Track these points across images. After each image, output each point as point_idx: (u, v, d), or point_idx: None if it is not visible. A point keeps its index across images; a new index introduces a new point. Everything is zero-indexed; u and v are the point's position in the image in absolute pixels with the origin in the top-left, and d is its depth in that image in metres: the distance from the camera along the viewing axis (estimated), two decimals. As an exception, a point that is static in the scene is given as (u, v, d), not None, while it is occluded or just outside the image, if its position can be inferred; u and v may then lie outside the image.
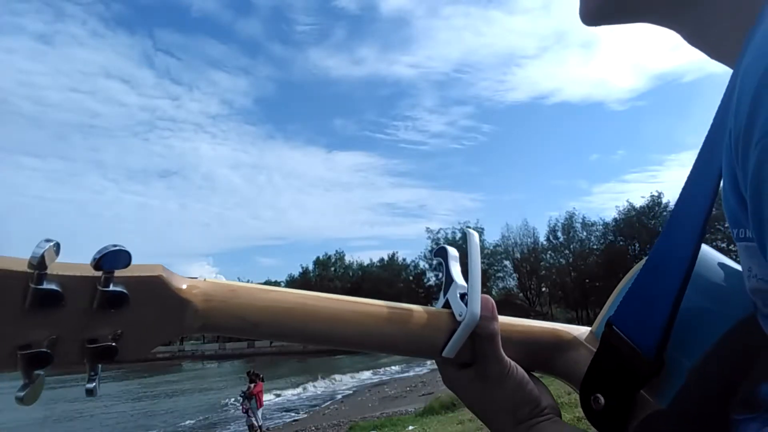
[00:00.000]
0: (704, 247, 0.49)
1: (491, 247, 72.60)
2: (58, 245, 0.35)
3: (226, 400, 22.81)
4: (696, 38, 0.43)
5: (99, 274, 0.38)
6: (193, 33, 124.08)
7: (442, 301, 0.54)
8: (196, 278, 0.45)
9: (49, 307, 0.37)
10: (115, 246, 0.37)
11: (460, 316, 0.50)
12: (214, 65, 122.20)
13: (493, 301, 0.51)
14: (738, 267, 0.47)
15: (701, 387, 0.45)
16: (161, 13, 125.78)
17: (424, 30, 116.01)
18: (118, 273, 0.38)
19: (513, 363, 0.52)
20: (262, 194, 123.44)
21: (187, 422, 19.32)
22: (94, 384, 0.40)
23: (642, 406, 0.46)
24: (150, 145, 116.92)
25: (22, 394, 0.37)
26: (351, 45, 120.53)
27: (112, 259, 0.37)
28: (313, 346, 0.51)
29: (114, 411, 23.21)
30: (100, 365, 0.40)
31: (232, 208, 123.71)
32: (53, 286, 0.36)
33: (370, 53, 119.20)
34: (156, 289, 0.41)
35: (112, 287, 0.38)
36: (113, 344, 0.40)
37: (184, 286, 0.43)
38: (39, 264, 0.34)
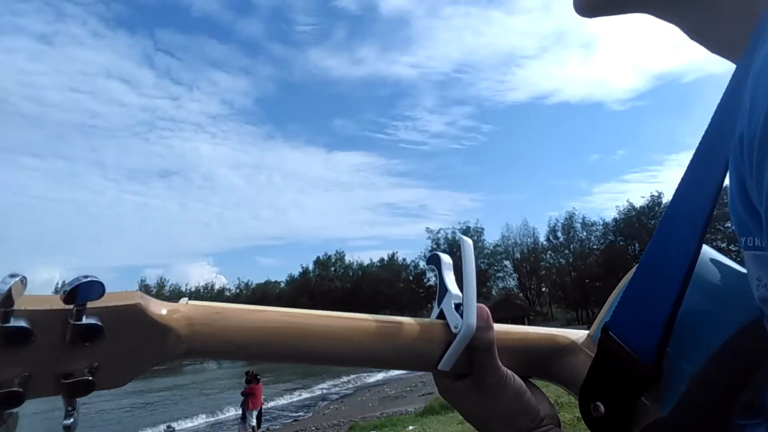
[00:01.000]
0: (705, 248, 0.47)
1: (491, 247, 72.58)
2: (24, 279, 0.34)
3: (225, 401, 22.80)
4: (696, 31, 0.42)
5: (71, 307, 0.36)
6: (193, 33, 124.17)
7: (436, 311, 0.52)
8: (177, 302, 0.43)
9: (18, 345, 0.35)
10: (86, 277, 0.36)
11: (456, 328, 0.48)
12: (214, 65, 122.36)
13: (489, 310, 0.50)
14: (740, 269, 0.46)
15: (703, 393, 0.43)
16: (162, 14, 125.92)
17: (424, 30, 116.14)
18: (91, 304, 0.37)
19: (510, 373, 0.51)
20: (262, 194, 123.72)
21: (186, 422, 19.32)
22: (71, 420, 0.38)
23: (643, 413, 0.45)
24: (150, 145, 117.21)
25: None
26: (351, 45, 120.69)
27: (84, 291, 0.35)
28: (306, 364, 0.48)
29: (112, 411, 23.20)
30: (77, 400, 0.39)
31: (232, 208, 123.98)
32: (21, 323, 0.35)
33: (370, 53, 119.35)
34: (133, 318, 0.39)
35: (84, 320, 0.37)
36: (90, 378, 0.38)
37: (164, 312, 0.41)
38: (5, 301, 0.33)
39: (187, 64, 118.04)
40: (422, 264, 74.90)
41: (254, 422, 14.79)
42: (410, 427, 11.21)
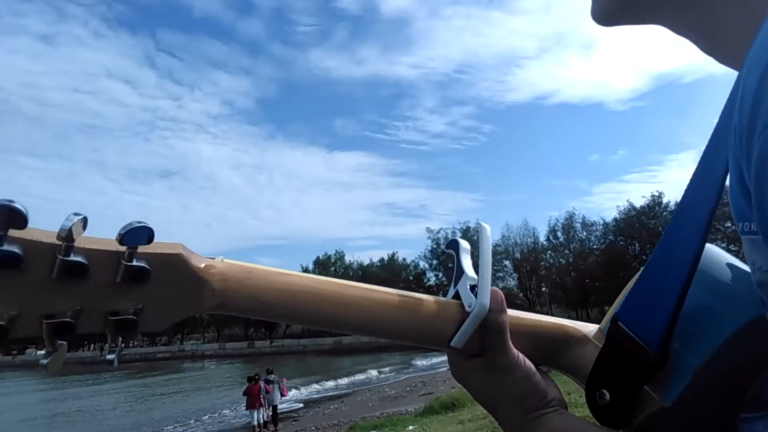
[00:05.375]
0: (715, 248, 0.50)
1: (491, 247, 72.20)
2: (85, 219, 0.37)
3: (224, 400, 22.77)
4: (707, 42, 0.43)
5: (123, 248, 0.39)
6: (194, 33, 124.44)
7: (452, 291, 0.54)
8: (213, 258, 0.46)
9: (74, 279, 0.38)
10: (139, 222, 0.38)
11: (470, 306, 0.50)
12: (215, 65, 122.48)
13: (503, 294, 0.51)
14: (746, 267, 0.47)
15: (707, 386, 0.45)
16: (163, 14, 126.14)
17: (425, 31, 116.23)
18: (141, 249, 0.40)
19: (521, 355, 0.52)
20: (262, 194, 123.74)
21: (185, 421, 19.30)
22: (113, 355, 0.41)
23: (647, 402, 0.46)
24: (151, 146, 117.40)
25: (46, 362, 0.38)
26: (352, 46, 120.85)
27: (136, 234, 0.38)
28: (325, 329, 0.51)
29: (113, 410, 23.18)
30: (120, 337, 0.42)
31: (233, 208, 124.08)
32: (79, 258, 0.38)
33: (370, 54, 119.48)
34: (175, 267, 0.42)
35: (135, 262, 0.39)
36: (134, 317, 0.41)
37: (203, 265, 0.44)
38: (67, 236, 0.36)
39: (189, 64, 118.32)
40: (422, 264, 75.01)
41: (255, 421, 14.83)
42: (410, 427, 11.21)
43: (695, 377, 0.44)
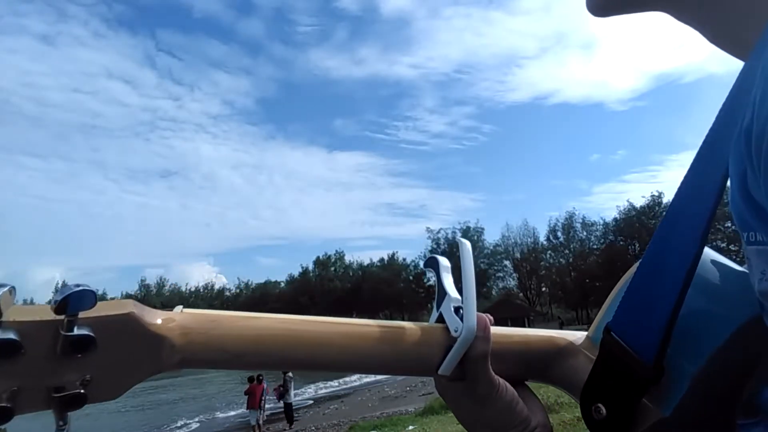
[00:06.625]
0: (704, 249, 0.47)
1: (491, 247, 72.60)
2: (13, 289, 0.33)
3: (224, 400, 22.76)
4: (710, 29, 0.41)
5: (61, 317, 0.35)
6: (194, 33, 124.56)
7: (435, 315, 0.51)
8: (172, 310, 0.42)
9: (6, 358, 0.34)
10: (78, 286, 0.35)
11: (456, 331, 0.47)
12: (215, 66, 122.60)
13: (488, 321, 0.49)
14: (738, 267, 0.46)
15: (705, 393, 0.43)
16: (163, 14, 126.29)
17: (425, 31, 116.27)
18: (83, 314, 0.35)
19: (502, 382, 0.49)
20: (262, 194, 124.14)
21: (185, 421, 19.30)
22: None
23: (644, 415, 0.44)
24: (151, 146, 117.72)
25: None
26: (352, 46, 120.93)
27: (75, 300, 0.34)
28: (305, 371, 0.48)
29: (112, 412, 23.18)
30: (68, 414, 0.37)
31: (233, 208, 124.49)
32: (10, 335, 0.34)
33: (370, 54, 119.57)
34: (127, 327, 0.38)
35: (76, 331, 0.35)
36: (81, 391, 0.37)
37: (159, 321, 0.40)
38: None
39: (189, 64, 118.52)
40: (422, 264, 74.75)
41: (254, 421, 14.85)
42: (410, 427, 11.20)
43: (693, 385, 0.43)
